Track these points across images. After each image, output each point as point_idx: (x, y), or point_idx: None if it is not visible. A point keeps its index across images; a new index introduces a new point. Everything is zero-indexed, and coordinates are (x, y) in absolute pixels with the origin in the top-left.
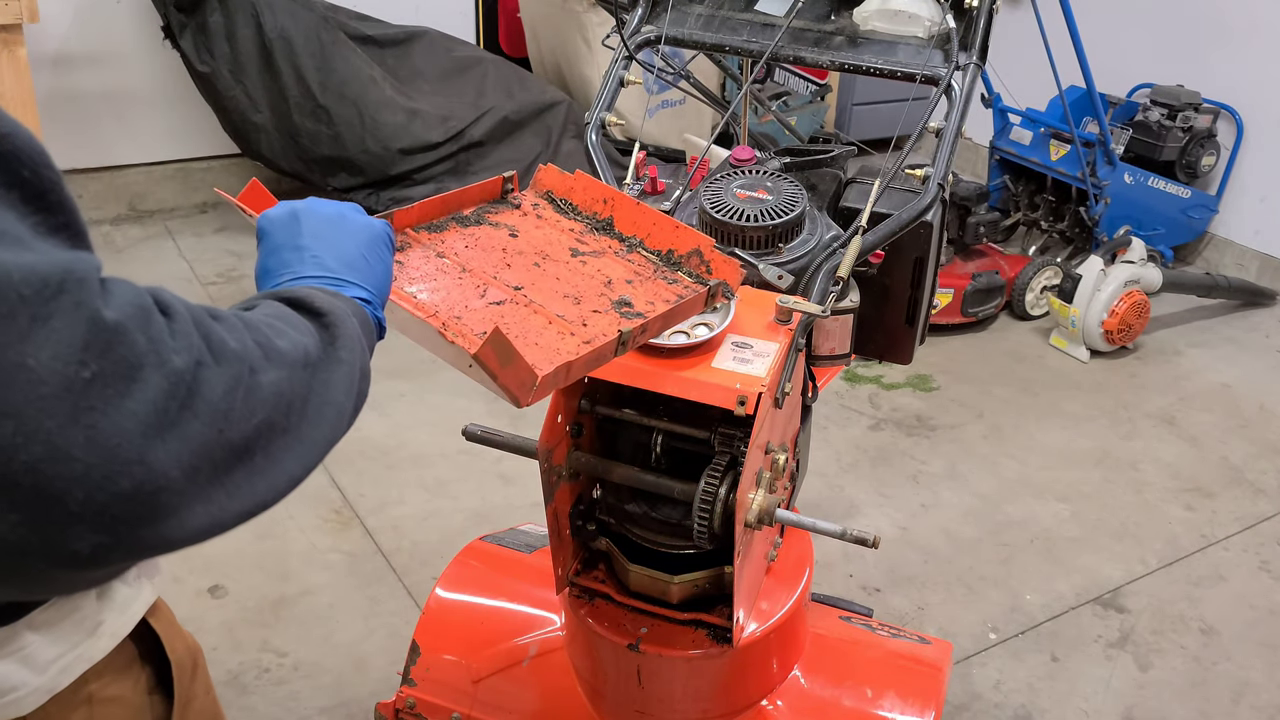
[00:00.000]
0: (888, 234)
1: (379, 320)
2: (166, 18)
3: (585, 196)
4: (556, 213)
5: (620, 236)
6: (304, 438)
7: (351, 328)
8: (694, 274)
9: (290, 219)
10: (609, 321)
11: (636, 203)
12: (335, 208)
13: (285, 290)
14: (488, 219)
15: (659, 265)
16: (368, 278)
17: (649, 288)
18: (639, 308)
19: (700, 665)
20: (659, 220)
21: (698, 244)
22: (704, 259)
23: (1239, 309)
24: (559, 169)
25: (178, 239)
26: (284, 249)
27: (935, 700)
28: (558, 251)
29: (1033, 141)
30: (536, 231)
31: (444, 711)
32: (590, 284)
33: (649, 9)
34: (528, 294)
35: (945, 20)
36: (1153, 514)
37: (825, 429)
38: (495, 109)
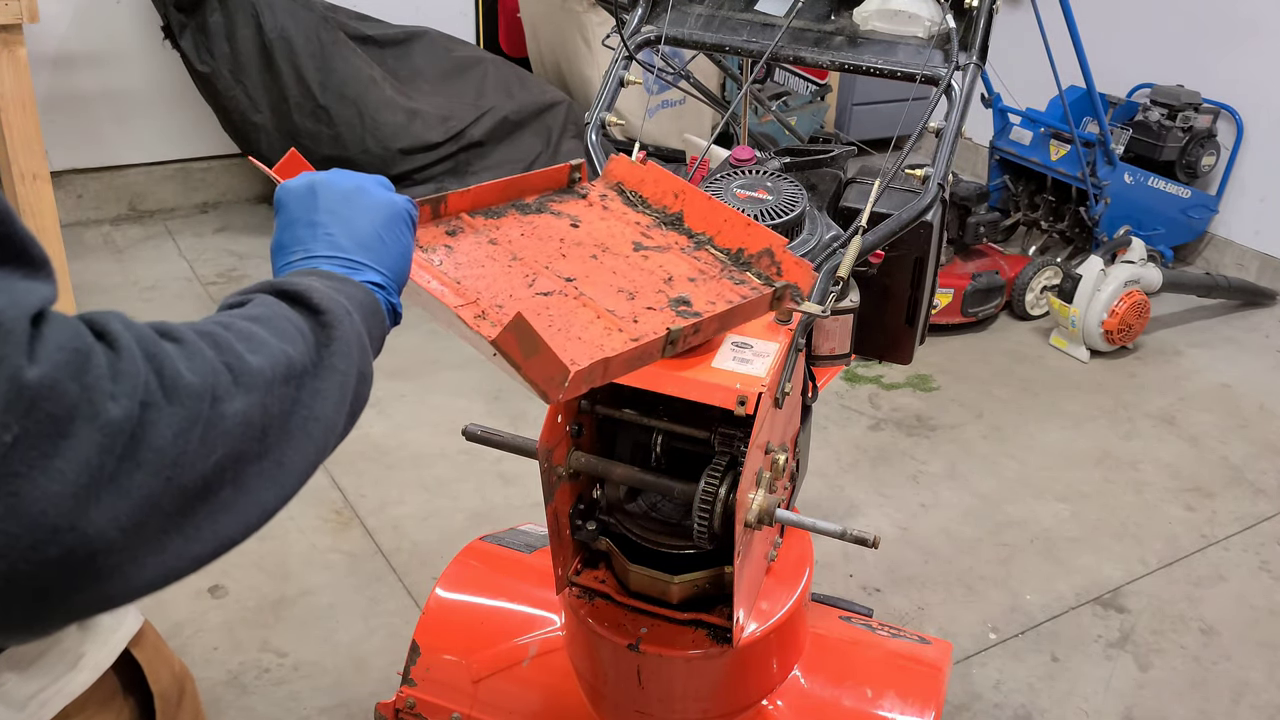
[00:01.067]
0: (888, 234)
1: (393, 306)
2: (166, 18)
3: (656, 189)
4: (625, 205)
5: (690, 233)
6: (283, 462)
7: (350, 329)
8: (763, 275)
9: (308, 192)
10: (662, 319)
11: (709, 198)
12: (355, 181)
13: (286, 282)
14: (550, 208)
15: (727, 264)
16: (383, 259)
17: (712, 287)
18: (697, 307)
19: (700, 665)
20: (731, 217)
21: (770, 243)
22: (775, 259)
23: (1239, 309)
24: (630, 159)
25: (178, 239)
26: (298, 224)
27: (935, 700)
28: (619, 244)
29: (1033, 141)
30: (600, 223)
31: (444, 711)
32: (649, 279)
33: (649, 9)
34: (579, 286)
35: (945, 20)
36: (1153, 514)
37: (825, 429)
38: (495, 109)
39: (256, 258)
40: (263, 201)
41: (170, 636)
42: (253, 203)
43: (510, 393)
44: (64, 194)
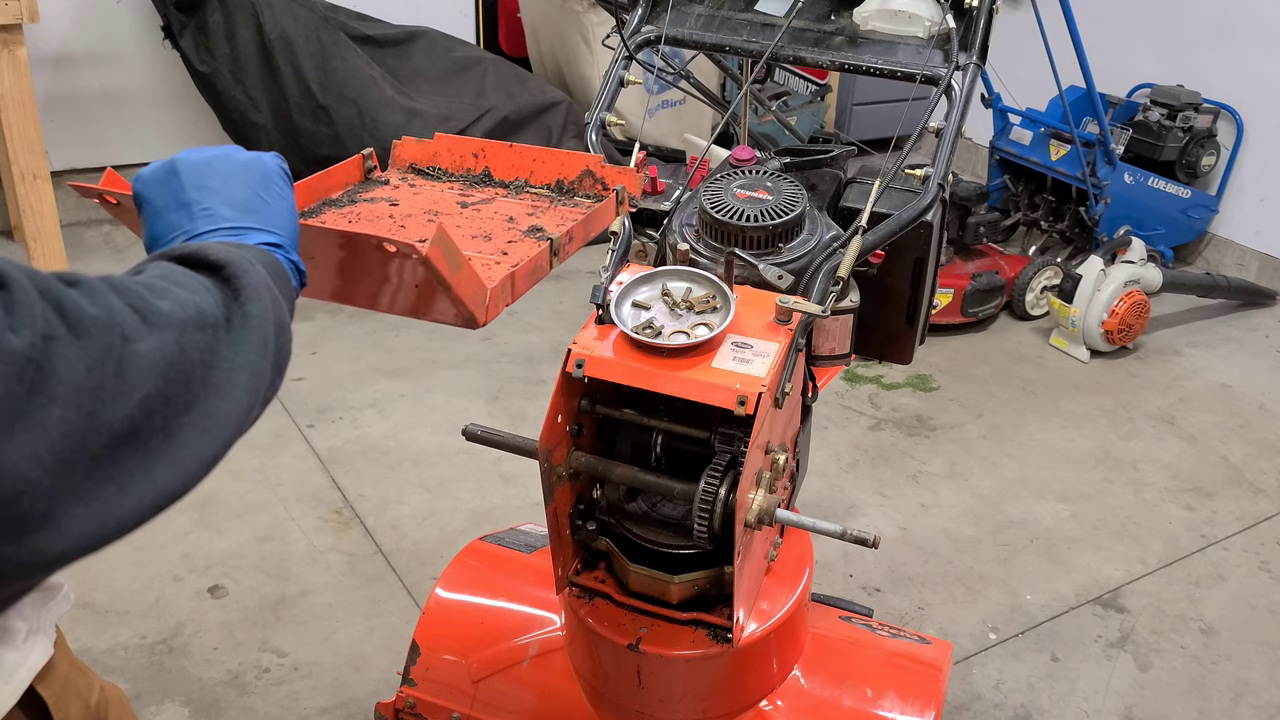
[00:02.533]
0: (888, 234)
1: (295, 265)
2: (166, 18)
3: (452, 156)
4: (428, 180)
5: (502, 184)
6: (212, 410)
7: (257, 277)
8: (591, 194)
9: (167, 175)
10: (529, 245)
11: (508, 145)
12: (212, 151)
13: (177, 248)
14: (361, 198)
15: (553, 196)
16: (270, 219)
17: (553, 214)
18: (550, 231)
19: (700, 665)
20: (538, 155)
21: (585, 164)
22: (597, 176)
23: (1239, 309)
24: (415, 139)
25: None
26: (168, 209)
27: (935, 700)
28: (447, 207)
29: (1033, 141)
30: (416, 197)
31: (444, 711)
32: (494, 224)
33: (649, 9)
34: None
35: (945, 20)
36: (1153, 514)
37: (825, 429)
38: (495, 109)
39: None
40: None
41: (170, 636)
42: None
43: (510, 393)
44: (64, 194)
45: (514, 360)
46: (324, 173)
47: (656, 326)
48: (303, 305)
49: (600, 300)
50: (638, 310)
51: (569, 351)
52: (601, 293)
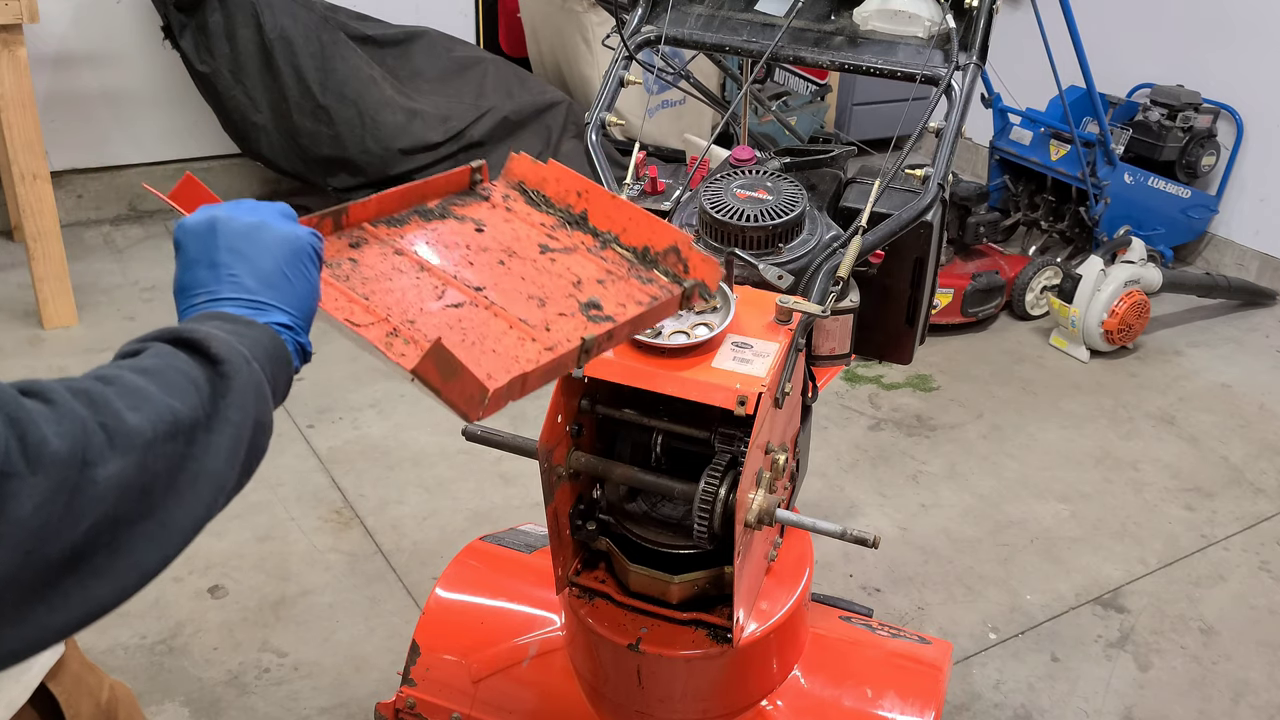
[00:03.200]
0: (888, 234)
1: (301, 346)
2: (166, 18)
3: (559, 188)
4: (528, 205)
5: (595, 231)
6: (167, 522)
7: (248, 378)
8: (670, 273)
9: (207, 230)
10: (574, 326)
11: (612, 196)
12: (255, 216)
13: (185, 329)
14: (454, 212)
15: (634, 263)
16: (289, 298)
17: (621, 288)
18: (608, 310)
19: (700, 665)
20: (635, 215)
21: (674, 240)
22: (681, 256)
23: (1239, 309)
24: (531, 158)
25: None
26: (199, 265)
27: (935, 700)
28: (526, 248)
29: (1033, 141)
30: (505, 226)
31: (444, 711)
32: (558, 284)
33: (649, 9)
34: (489, 295)
35: (945, 20)
36: (1153, 514)
37: (825, 429)
38: (495, 109)
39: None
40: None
41: (170, 636)
42: None
43: None
44: (64, 194)
45: None
46: (428, 180)
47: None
48: None
49: None
50: None
51: None
52: None
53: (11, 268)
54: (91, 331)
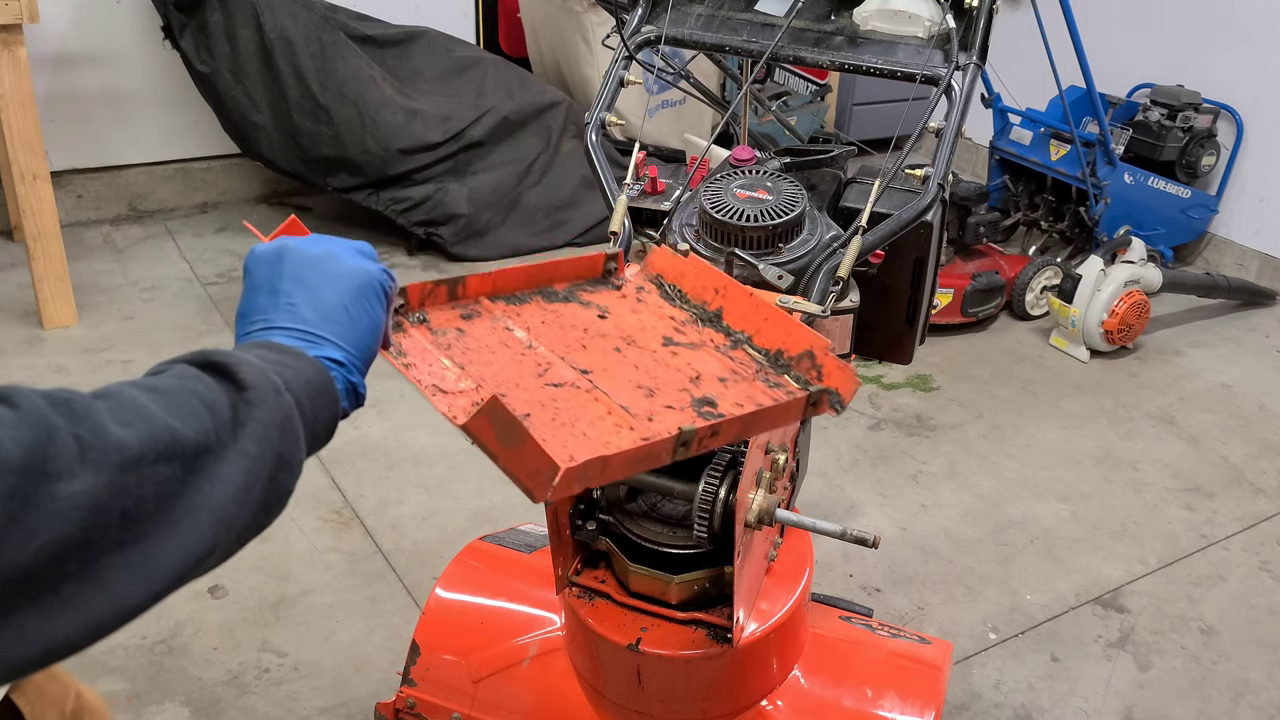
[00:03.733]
0: (888, 234)
1: (353, 386)
2: (166, 18)
3: (696, 284)
4: (662, 298)
5: (727, 330)
6: (155, 554)
7: (275, 410)
8: (801, 378)
9: (275, 257)
10: (679, 419)
11: (750, 293)
12: (327, 246)
13: (216, 352)
14: (580, 297)
15: (764, 365)
16: (346, 333)
17: (743, 389)
18: (722, 409)
19: (700, 665)
20: (772, 315)
21: (811, 344)
22: (816, 362)
23: (1239, 309)
24: (673, 251)
25: (178, 239)
26: (261, 290)
27: (935, 700)
28: (648, 339)
29: (1033, 141)
30: (631, 316)
31: (444, 711)
32: (673, 376)
33: (649, 9)
34: (594, 379)
35: (945, 20)
36: (1153, 514)
37: (825, 429)
38: (495, 109)
39: None
40: (262, 202)
41: (170, 636)
42: (252, 203)
43: None
44: (64, 194)
45: None
46: (557, 261)
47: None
48: None
49: None
50: None
51: None
52: None
53: (11, 268)
54: (91, 331)
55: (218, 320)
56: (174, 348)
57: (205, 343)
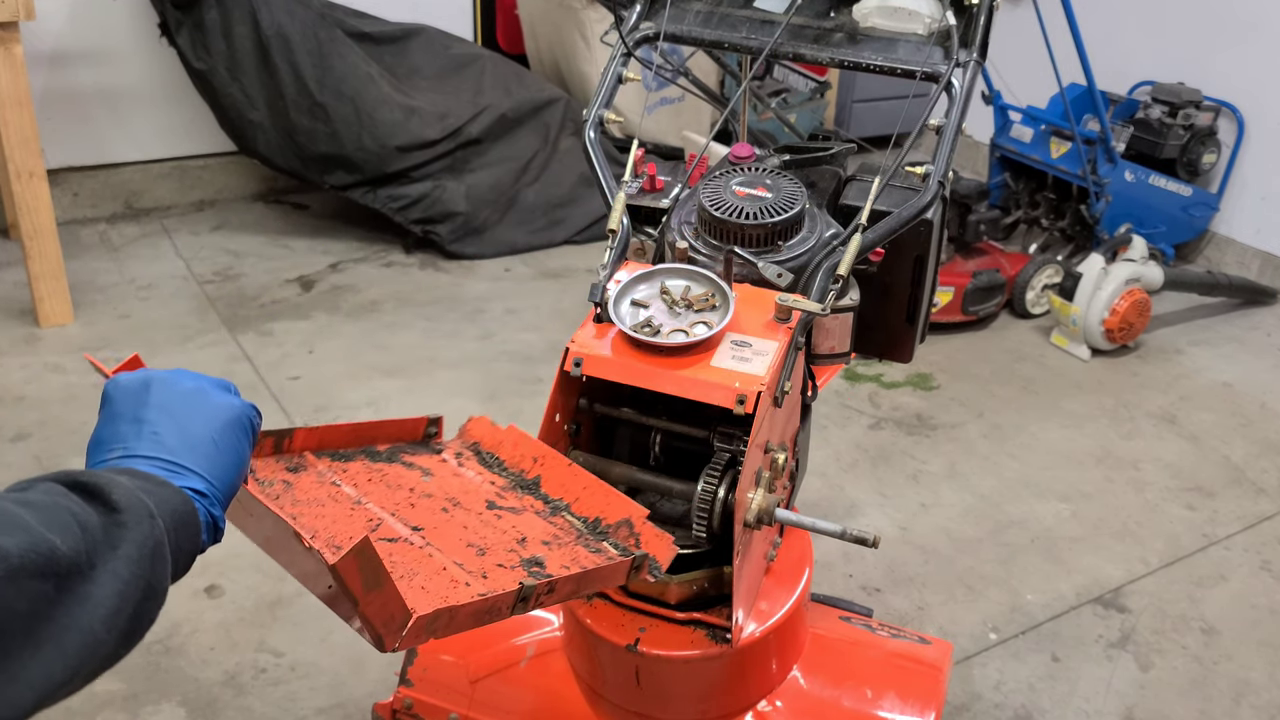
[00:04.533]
0: (888, 232)
1: (214, 519)
2: (163, 15)
3: (515, 452)
4: (480, 465)
5: (546, 498)
6: (17, 674)
7: (148, 534)
8: (620, 545)
9: (140, 387)
10: (513, 577)
11: (569, 464)
12: (197, 382)
13: (84, 473)
14: (402, 458)
15: (583, 532)
16: (212, 465)
17: (566, 552)
18: (550, 569)
19: (699, 666)
20: (590, 485)
21: (629, 514)
22: (634, 530)
23: (1240, 307)
24: (491, 421)
25: (174, 237)
26: (122, 419)
27: (935, 700)
28: (472, 501)
29: (1033, 139)
30: (453, 479)
31: (441, 712)
32: (501, 538)
33: (647, 6)
34: (426, 536)
35: (945, 17)
36: (1154, 513)
37: (825, 428)
38: (493, 106)
39: (253, 256)
40: (259, 200)
41: (167, 636)
42: (249, 200)
43: (508, 391)
44: (60, 192)
45: (512, 359)
46: (380, 422)
47: (655, 325)
48: (300, 302)
49: (598, 298)
50: (636, 308)
51: (567, 350)
52: (600, 291)
53: (7, 266)
54: (87, 330)
55: (213, 318)
56: (170, 345)
57: (201, 341)
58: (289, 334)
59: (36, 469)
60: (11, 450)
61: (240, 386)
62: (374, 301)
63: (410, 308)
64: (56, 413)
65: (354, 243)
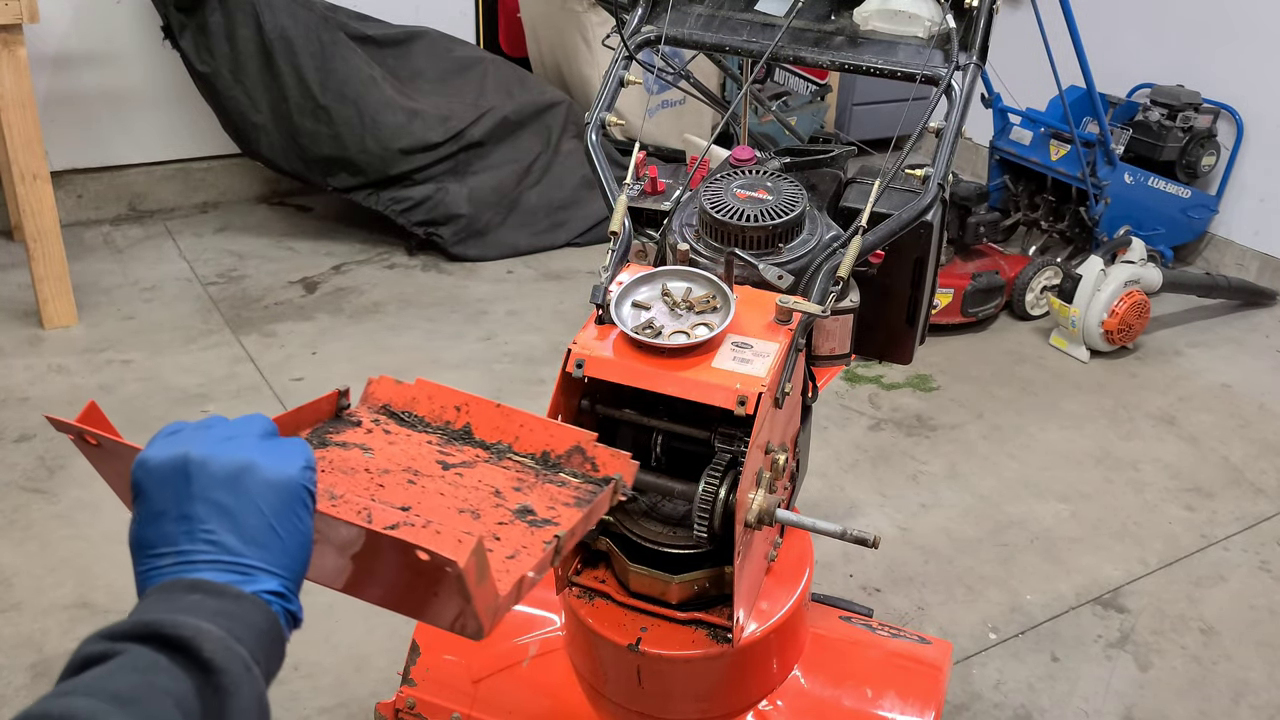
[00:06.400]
0: (888, 234)
1: (293, 615)
2: (166, 17)
3: (432, 406)
4: (402, 426)
5: (484, 444)
6: None
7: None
8: (579, 473)
9: (177, 475)
10: (520, 532)
11: (496, 405)
12: (237, 456)
13: (166, 622)
14: (331, 440)
15: (538, 469)
16: (280, 558)
17: (541, 492)
18: (542, 514)
19: (700, 665)
20: (526, 421)
21: (576, 440)
22: (587, 455)
23: (1239, 309)
24: (394, 379)
25: (178, 239)
26: (166, 518)
27: (935, 700)
28: (426, 466)
29: (1033, 141)
30: (392, 448)
31: (444, 711)
32: (478, 497)
33: (649, 9)
34: (420, 513)
35: (945, 20)
36: (1153, 514)
37: (825, 429)
38: (495, 109)
39: (256, 258)
40: (262, 202)
41: None
42: (253, 202)
43: (510, 392)
44: (64, 194)
45: (514, 360)
46: (296, 410)
47: (656, 326)
48: (303, 304)
49: (600, 300)
50: (638, 310)
51: (569, 351)
52: (601, 293)
53: (11, 268)
54: (91, 331)
55: (217, 320)
56: (174, 347)
57: (205, 342)
58: (292, 335)
59: (40, 470)
60: (15, 451)
61: (244, 388)
62: (377, 303)
63: (413, 309)
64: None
65: (357, 245)
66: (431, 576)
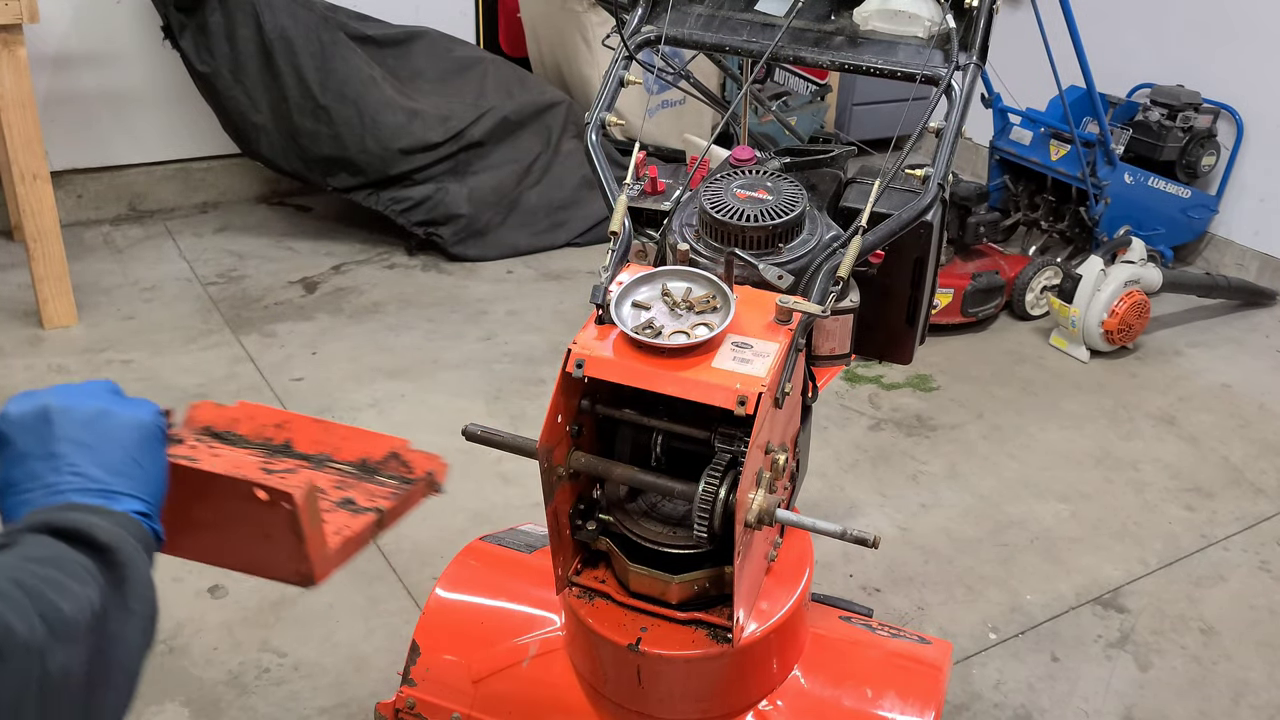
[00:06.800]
0: (888, 234)
1: (156, 533)
2: (166, 18)
3: (253, 425)
4: (225, 444)
5: (305, 456)
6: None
7: (142, 567)
8: (395, 476)
9: (40, 421)
10: (346, 516)
11: (315, 420)
12: (94, 402)
13: (56, 517)
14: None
15: (358, 474)
16: (142, 484)
17: (361, 489)
18: (363, 504)
19: (700, 665)
20: (346, 434)
21: (391, 447)
22: (403, 460)
23: (1239, 309)
24: (215, 403)
25: (178, 239)
26: (32, 457)
27: (935, 700)
28: (251, 471)
29: (1033, 141)
30: (216, 459)
31: (444, 711)
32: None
33: (649, 9)
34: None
35: (945, 20)
36: (1153, 514)
37: (825, 429)
38: (495, 109)
39: (256, 258)
40: (262, 202)
41: (170, 636)
42: (252, 203)
43: (510, 393)
44: (64, 194)
45: (514, 360)
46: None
47: (656, 326)
48: (303, 304)
49: (600, 300)
50: (638, 310)
51: (569, 351)
52: (601, 293)
53: (11, 268)
54: (91, 331)
55: (217, 320)
56: (174, 347)
57: (205, 342)
58: (292, 335)
59: None
60: None
61: (244, 388)
62: (377, 303)
63: (413, 309)
64: None
65: (357, 245)
66: (267, 519)
